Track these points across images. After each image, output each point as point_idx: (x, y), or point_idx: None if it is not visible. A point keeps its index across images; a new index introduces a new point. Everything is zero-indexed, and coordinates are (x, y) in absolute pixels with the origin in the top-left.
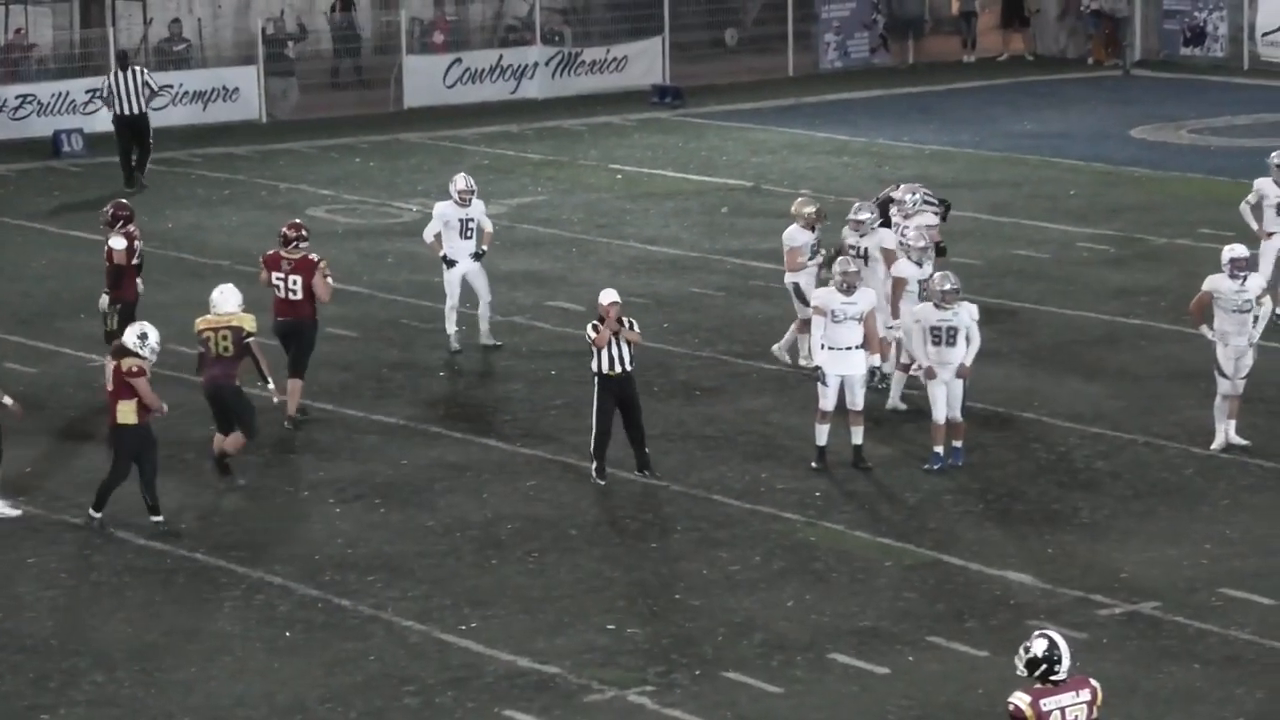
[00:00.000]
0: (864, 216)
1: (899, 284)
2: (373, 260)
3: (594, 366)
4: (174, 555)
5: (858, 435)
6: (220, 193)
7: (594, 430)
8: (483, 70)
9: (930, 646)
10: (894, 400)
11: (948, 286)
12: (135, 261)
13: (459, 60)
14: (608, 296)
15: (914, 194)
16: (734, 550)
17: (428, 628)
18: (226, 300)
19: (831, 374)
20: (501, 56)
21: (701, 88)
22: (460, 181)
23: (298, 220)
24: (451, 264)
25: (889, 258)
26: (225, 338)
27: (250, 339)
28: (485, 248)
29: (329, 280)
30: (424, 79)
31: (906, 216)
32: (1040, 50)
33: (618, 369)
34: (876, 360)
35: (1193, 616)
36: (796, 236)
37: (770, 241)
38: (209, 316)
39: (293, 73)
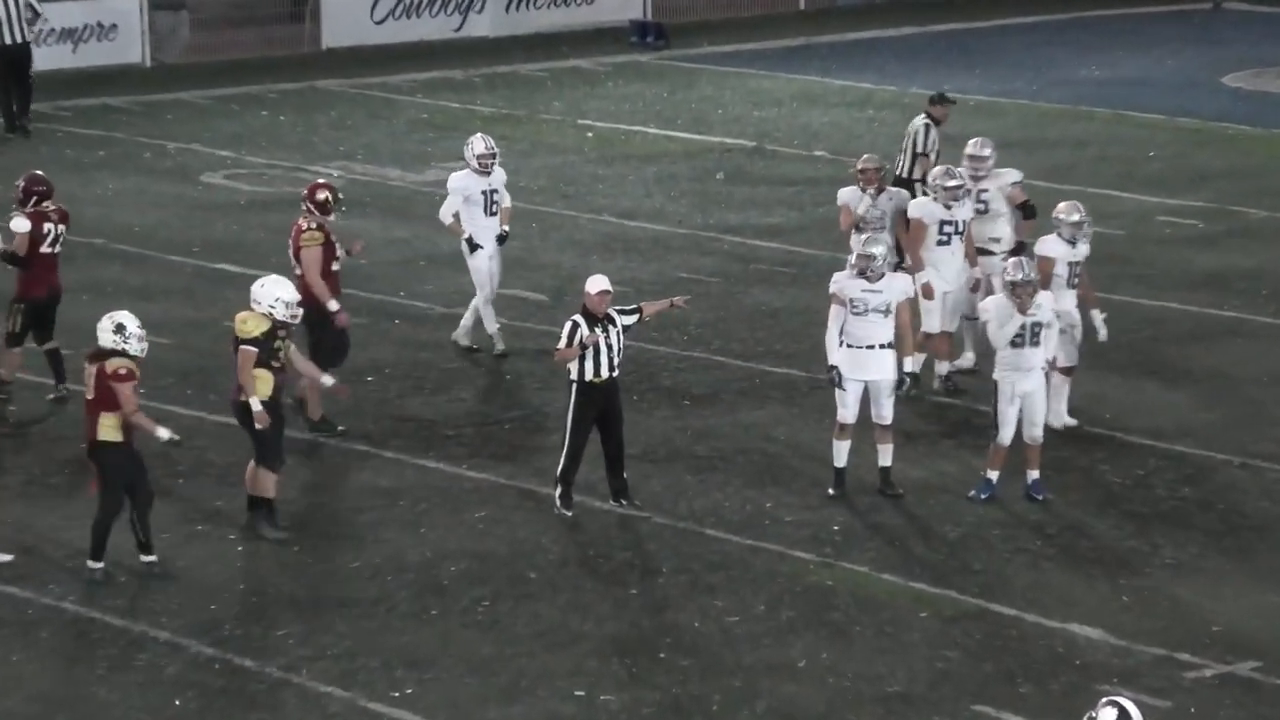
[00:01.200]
0: (987, 152)
1: (918, 227)
2: (284, 238)
3: (572, 372)
4: (36, 604)
5: (885, 455)
6: (94, 154)
7: (565, 448)
8: (420, 2)
9: (976, 717)
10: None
11: (1020, 277)
12: (52, 249)
13: None
14: (597, 284)
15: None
16: (732, 597)
17: (351, 694)
18: (284, 292)
19: (850, 379)
20: None
21: (691, 25)
22: (479, 143)
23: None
24: (477, 248)
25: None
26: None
27: (284, 336)
28: (506, 227)
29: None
30: (346, 13)
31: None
32: None
33: (604, 374)
34: (910, 364)
35: None
36: (846, 196)
37: (776, 215)
38: (242, 319)
39: (183, 5)
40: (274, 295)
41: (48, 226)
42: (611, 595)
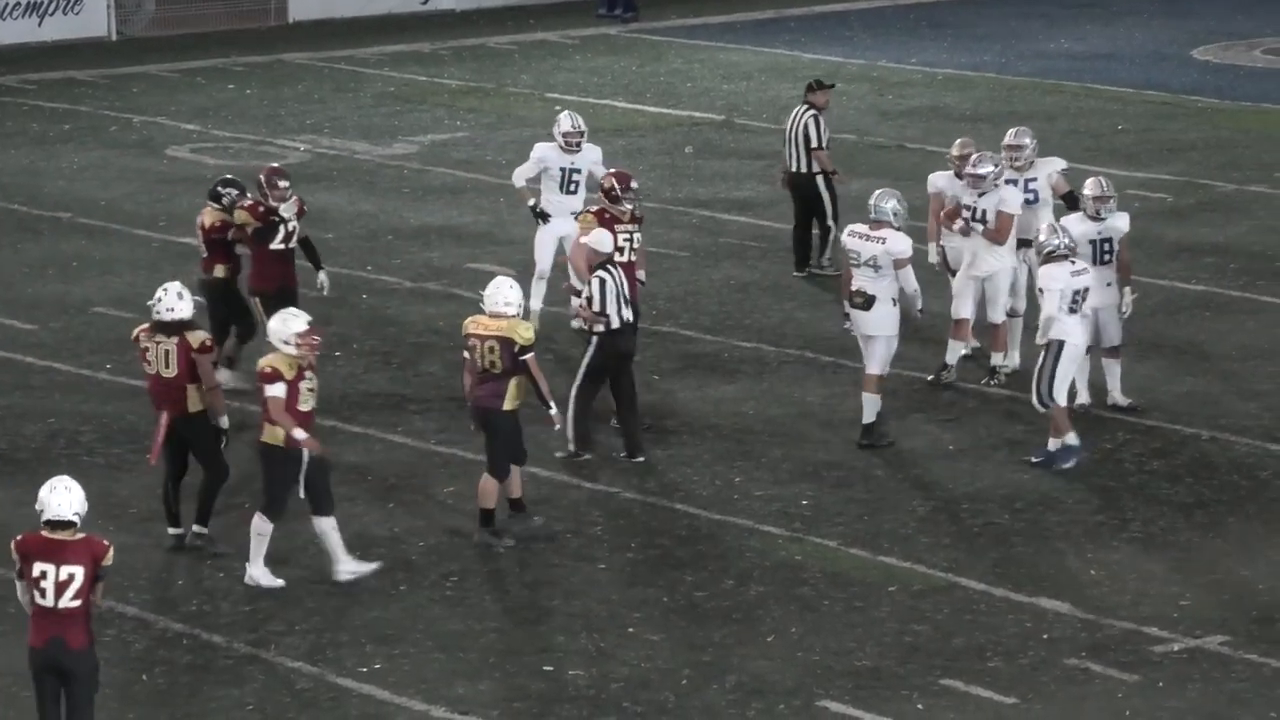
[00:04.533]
0: (1026, 141)
1: (936, 199)
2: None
3: (599, 326)
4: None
5: (869, 409)
6: (59, 127)
7: (578, 389)
8: None
9: (945, 692)
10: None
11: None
12: (285, 245)
13: None
14: (606, 244)
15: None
16: (701, 572)
17: (320, 670)
18: (499, 296)
19: (854, 332)
20: None
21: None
22: (565, 121)
23: None
24: (544, 218)
25: (1004, 224)
26: (493, 350)
27: (528, 355)
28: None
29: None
30: None
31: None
32: None
33: (626, 317)
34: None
35: (1269, 653)
36: (938, 182)
37: (745, 189)
38: (479, 318)
39: None
40: (518, 296)
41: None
42: (580, 571)
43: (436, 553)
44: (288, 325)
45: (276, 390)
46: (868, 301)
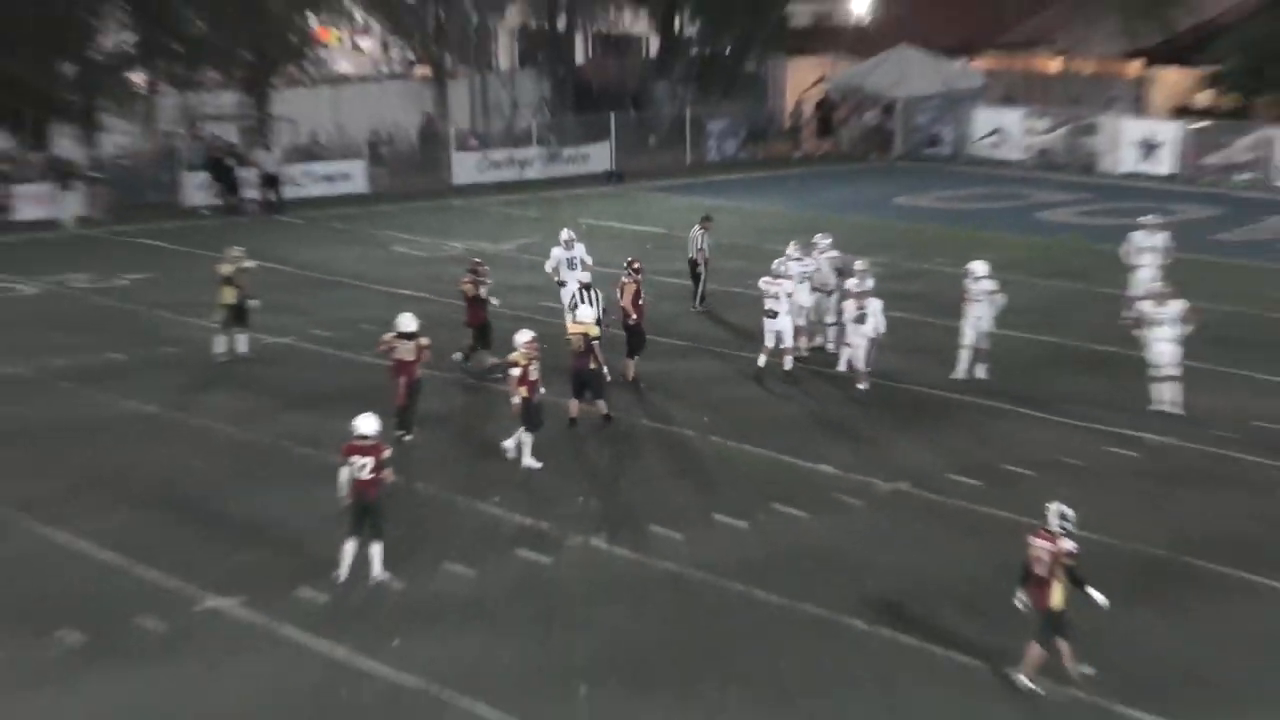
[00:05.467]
0: (796, 254)
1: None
2: (432, 281)
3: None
4: None
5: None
6: (340, 236)
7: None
8: (500, 161)
9: (775, 511)
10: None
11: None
12: (478, 294)
13: (485, 155)
14: (525, 338)
15: (825, 240)
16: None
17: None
18: (582, 314)
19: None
20: (512, 154)
21: (635, 171)
22: (563, 234)
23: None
24: (562, 284)
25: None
26: (580, 340)
27: (595, 341)
28: (589, 275)
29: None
30: (464, 167)
31: (822, 253)
32: (841, 149)
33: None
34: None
35: (936, 492)
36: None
37: (673, 265)
38: (574, 325)
39: (385, 163)
40: (594, 314)
41: (475, 284)
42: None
43: None
44: (521, 338)
45: (514, 371)
46: (770, 314)
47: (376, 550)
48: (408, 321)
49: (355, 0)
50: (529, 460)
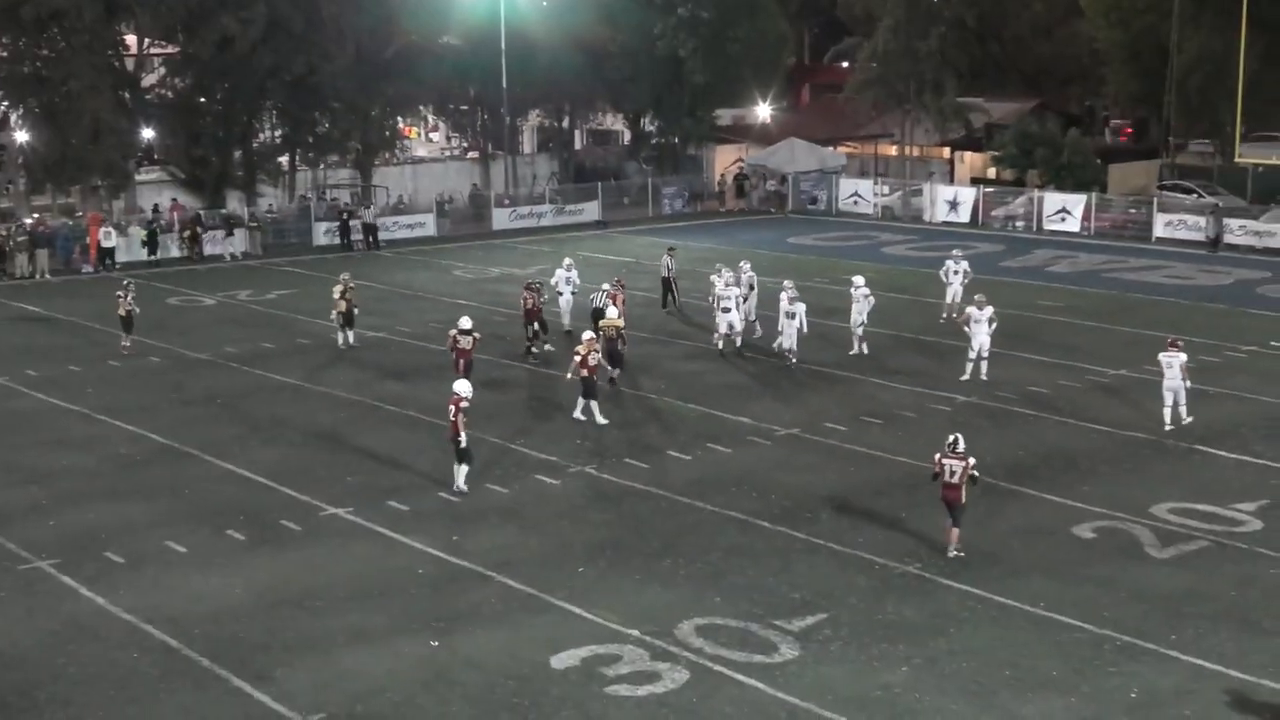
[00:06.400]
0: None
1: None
2: (483, 298)
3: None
4: None
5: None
6: (417, 264)
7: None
8: (525, 214)
9: (709, 448)
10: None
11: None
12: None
13: (514, 211)
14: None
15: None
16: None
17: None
18: (612, 314)
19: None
20: (532, 209)
21: (614, 220)
22: (565, 260)
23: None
24: (559, 295)
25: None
26: (612, 329)
27: (620, 330)
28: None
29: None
30: (500, 219)
31: (744, 274)
32: (751, 206)
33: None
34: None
35: (818, 435)
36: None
37: (642, 285)
38: (603, 322)
39: (447, 216)
40: (617, 311)
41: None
42: None
43: None
44: (586, 335)
45: (577, 357)
46: (725, 309)
47: (461, 471)
48: (465, 322)
49: (428, 108)
50: (599, 419)
